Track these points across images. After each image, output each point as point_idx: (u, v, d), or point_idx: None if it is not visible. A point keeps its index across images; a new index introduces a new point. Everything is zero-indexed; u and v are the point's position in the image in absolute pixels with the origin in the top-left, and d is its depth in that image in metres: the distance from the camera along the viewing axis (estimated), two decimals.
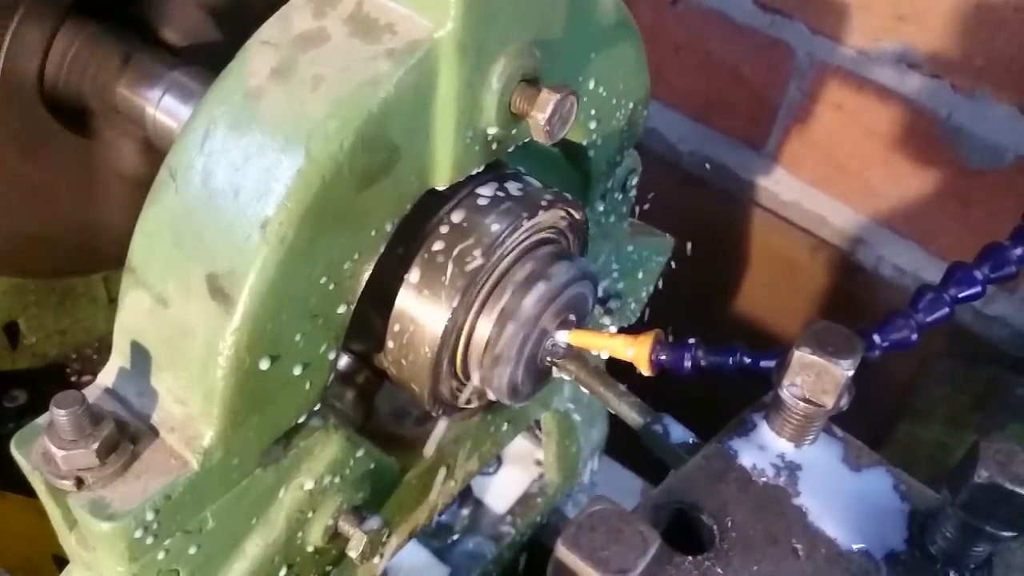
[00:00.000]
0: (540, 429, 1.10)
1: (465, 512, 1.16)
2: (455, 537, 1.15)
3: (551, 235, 0.69)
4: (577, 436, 1.11)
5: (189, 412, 0.57)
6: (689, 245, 1.02)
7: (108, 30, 0.87)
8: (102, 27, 0.87)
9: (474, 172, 0.62)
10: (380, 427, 0.80)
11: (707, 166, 1.48)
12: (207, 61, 0.83)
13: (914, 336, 0.62)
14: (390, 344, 0.66)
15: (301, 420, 0.62)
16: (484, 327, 0.65)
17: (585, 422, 1.10)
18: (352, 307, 0.60)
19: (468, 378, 0.68)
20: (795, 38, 1.31)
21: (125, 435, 0.56)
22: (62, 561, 0.65)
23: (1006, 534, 0.50)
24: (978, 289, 0.63)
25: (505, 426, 0.89)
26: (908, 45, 1.21)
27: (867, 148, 1.31)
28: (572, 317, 0.68)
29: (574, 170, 0.77)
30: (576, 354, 0.68)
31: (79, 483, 0.55)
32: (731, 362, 0.63)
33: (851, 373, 0.54)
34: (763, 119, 1.40)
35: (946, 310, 0.62)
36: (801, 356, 0.54)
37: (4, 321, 1.00)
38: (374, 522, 0.69)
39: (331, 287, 0.57)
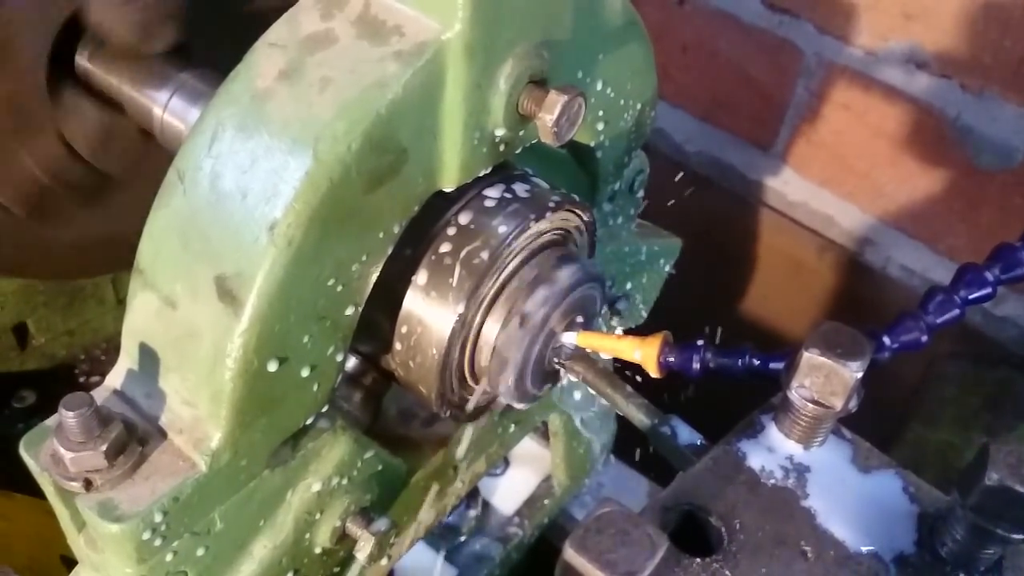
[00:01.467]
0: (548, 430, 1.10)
1: (472, 513, 1.16)
2: (462, 538, 1.15)
3: (559, 236, 0.68)
4: (585, 437, 1.10)
5: (197, 414, 0.57)
6: (696, 246, 1.02)
7: None
8: None
9: (481, 174, 0.62)
10: (388, 429, 0.80)
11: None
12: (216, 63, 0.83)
13: (924, 338, 0.61)
14: (398, 346, 0.66)
15: (309, 422, 0.62)
16: (491, 328, 0.64)
17: (593, 423, 1.10)
18: (360, 309, 0.60)
19: (475, 379, 0.68)
20: (803, 38, 1.30)
21: (133, 437, 0.56)
22: (70, 562, 0.65)
23: (1017, 536, 0.50)
24: (989, 290, 0.62)
25: (512, 427, 0.89)
26: (916, 45, 1.20)
27: (875, 148, 1.30)
28: (580, 319, 0.68)
29: (581, 171, 0.77)
30: (583, 355, 0.68)
31: (88, 485, 0.55)
32: (740, 364, 0.62)
33: (860, 375, 0.54)
34: (770, 119, 1.40)
35: (956, 311, 0.62)
36: (810, 358, 0.54)
37: (13, 322, 1.01)
38: (382, 523, 0.69)
39: (339, 289, 0.57)
